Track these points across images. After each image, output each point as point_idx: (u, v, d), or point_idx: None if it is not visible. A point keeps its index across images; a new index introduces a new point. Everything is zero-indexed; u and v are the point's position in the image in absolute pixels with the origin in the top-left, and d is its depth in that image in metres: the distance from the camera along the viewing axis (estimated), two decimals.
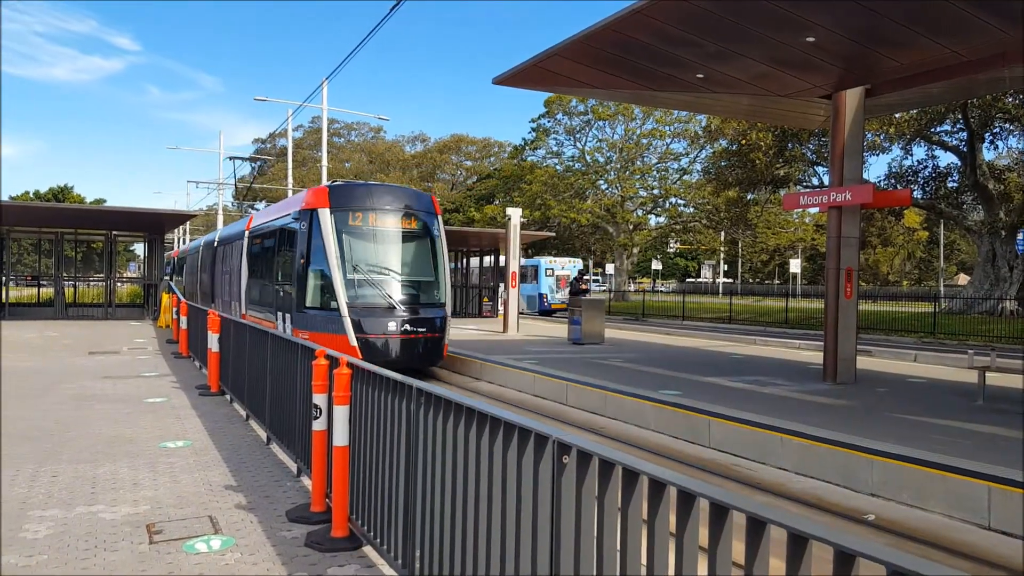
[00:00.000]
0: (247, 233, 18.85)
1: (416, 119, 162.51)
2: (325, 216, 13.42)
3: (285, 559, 4.32)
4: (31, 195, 77.68)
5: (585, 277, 23.69)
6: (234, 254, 20.19)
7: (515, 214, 22.20)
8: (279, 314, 14.98)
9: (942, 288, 52.21)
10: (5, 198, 58.09)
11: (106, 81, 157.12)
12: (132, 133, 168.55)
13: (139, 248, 50.53)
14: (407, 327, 13.08)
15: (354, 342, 12.76)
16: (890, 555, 1.48)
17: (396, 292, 13.44)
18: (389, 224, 13.88)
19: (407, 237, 14.19)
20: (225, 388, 9.97)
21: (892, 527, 5.81)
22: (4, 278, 26.80)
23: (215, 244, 24.28)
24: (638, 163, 49.65)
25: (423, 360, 13.53)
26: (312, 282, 13.64)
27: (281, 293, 15.12)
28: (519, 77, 11.79)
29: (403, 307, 13.27)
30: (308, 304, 13.70)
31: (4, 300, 26.01)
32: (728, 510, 1.90)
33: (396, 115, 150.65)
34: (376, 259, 13.63)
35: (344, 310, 12.92)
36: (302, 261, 13.82)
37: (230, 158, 29.96)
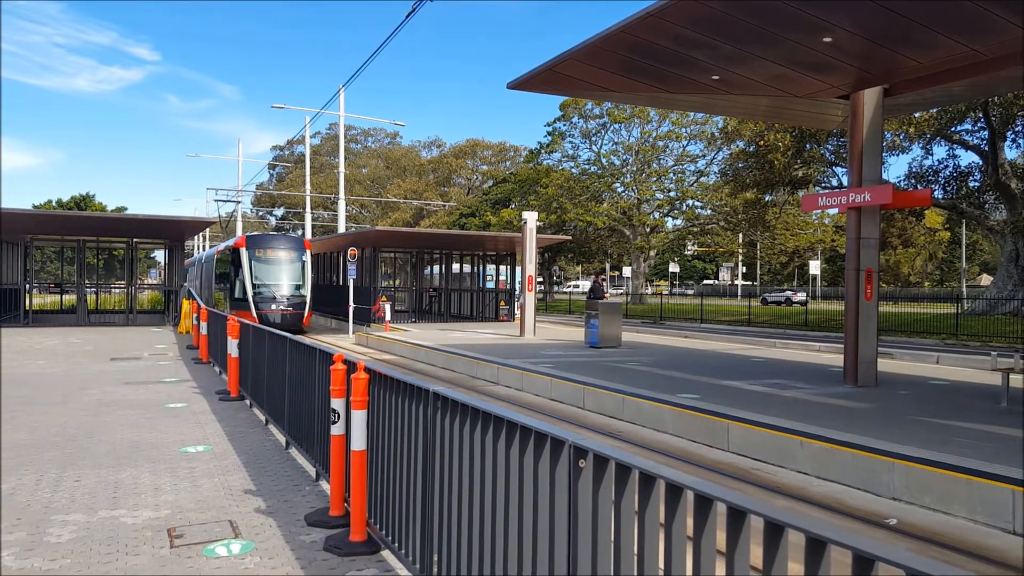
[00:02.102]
0: (215, 256, 30.47)
1: (432, 124, 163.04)
2: (243, 252, 25.25)
3: (304, 563, 4.34)
4: (53, 204, 78.72)
5: (603, 281, 23.40)
6: (211, 268, 31.32)
7: (531, 218, 22.22)
8: (225, 303, 26.07)
9: (964, 289, 51.55)
10: (28, 207, 58.93)
11: (126, 91, 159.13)
12: (152, 141, 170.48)
13: (159, 255, 51.11)
14: (282, 307, 24.67)
15: (255, 315, 23.34)
16: (909, 559, 1.46)
17: (277, 290, 25.04)
18: (277, 256, 25.58)
19: (286, 262, 25.66)
20: (244, 393, 10.05)
21: (914, 531, 5.74)
22: (28, 285, 27.19)
23: (202, 261, 35.65)
24: (654, 165, 49.49)
25: (292, 325, 23.58)
26: (237, 285, 25.37)
27: (226, 292, 26.65)
28: (534, 81, 11.81)
29: (281, 297, 24.88)
30: (235, 297, 25.27)
31: (28, 307, 26.39)
32: (746, 514, 1.89)
33: (412, 121, 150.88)
34: (269, 274, 25.27)
35: (250, 299, 24.52)
36: (233, 274, 25.76)
37: (215, 200, 39.28)
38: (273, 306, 24.29)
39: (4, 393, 10.38)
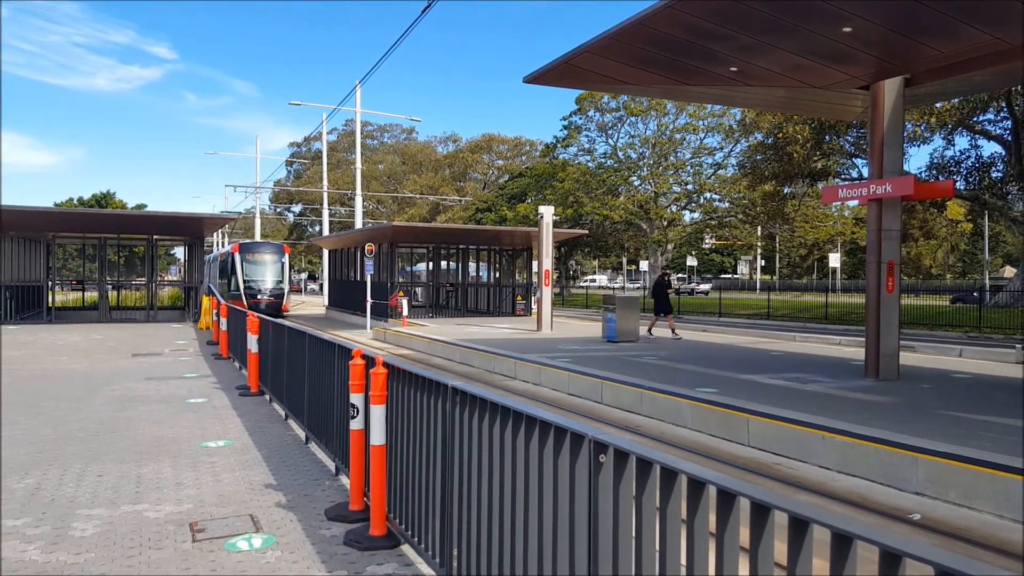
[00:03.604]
0: (219, 258, 38.19)
1: (448, 120, 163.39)
2: (237, 256, 31.67)
3: (324, 557, 4.36)
4: (75, 201, 79.64)
5: (668, 276, 21.61)
6: (215, 268, 38.28)
7: (547, 212, 22.15)
8: (225, 295, 30.23)
9: (987, 281, 50.87)
10: (50, 204, 59.67)
11: (145, 89, 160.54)
12: (171, 139, 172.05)
13: (179, 252, 51.75)
14: (266, 297, 30.80)
15: (246, 304, 27.66)
16: (938, 555, 1.44)
17: (262, 284, 31.35)
18: (263, 258, 31.96)
19: (269, 263, 31.98)
20: (264, 388, 10.11)
21: (939, 527, 5.67)
22: (51, 282, 27.54)
23: (210, 261, 41.99)
24: (671, 158, 49.19)
25: (274, 311, 28.42)
26: (232, 281, 31.64)
27: (225, 286, 32.55)
28: (550, 75, 11.76)
29: (265, 290, 31.17)
30: (231, 290, 31.21)
31: (51, 304, 26.75)
32: (769, 509, 1.87)
33: (428, 116, 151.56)
34: (255, 272, 31.54)
35: (242, 291, 30.60)
36: (229, 272, 32.31)
37: (223, 211, 46.04)
38: (259, 296, 30.81)
39: (29, 389, 10.53)
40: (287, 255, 33.48)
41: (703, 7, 8.97)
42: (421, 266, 38.36)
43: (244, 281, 31.05)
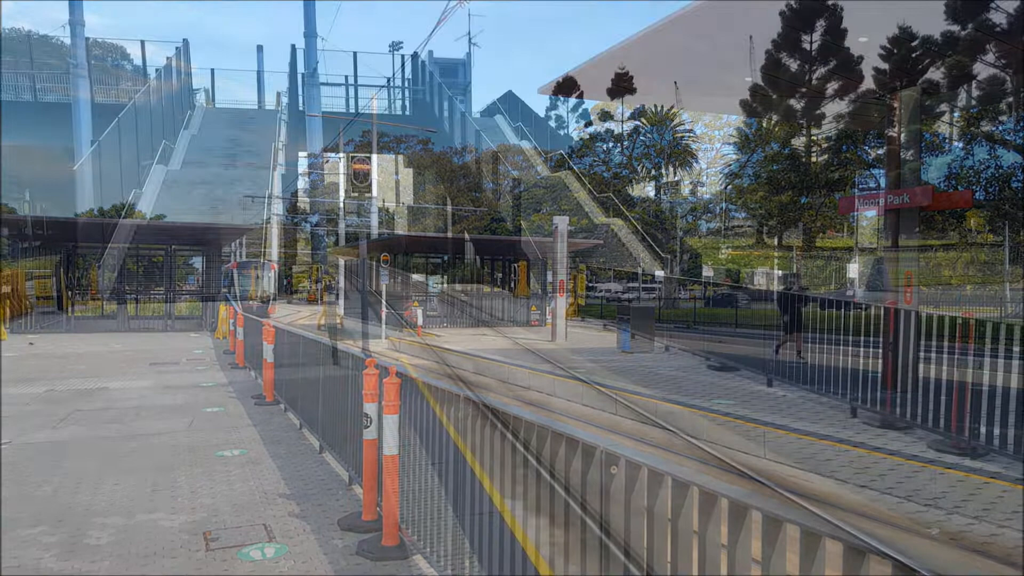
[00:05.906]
0: (225, 270, 43.34)
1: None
2: (236, 271, 35.40)
3: (337, 567, 4.36)
4: (95, 212, 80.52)
5: (799, 283, 18.35)
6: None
7: (562, 222, 22.15)
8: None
9: (1008, 292, 50.19)
10: (71, 215, 60.42)
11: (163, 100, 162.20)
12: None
13: (197, 262, 52.60)
14: (256, 303, 33.28)
15: (241, 308, 29.46)
16: (950, 567, 1.42)
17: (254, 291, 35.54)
18: (254, 273, 36.34)
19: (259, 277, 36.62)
20: (280, 398, 10.15)
21: (958, 541, 5.58)
22: (70, 292, 27.86)
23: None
24: (687, 168, 49.09)
25: (261, 312, 30.57)
26: (232, 291, 34.51)
27: (228, 292, 35.93)
28: (564, 86, 11.78)
29: (256, 297, 34.84)
30: (231, 296, 32.84)
31: (70, 313, 27.05)
32: (782, 522, 1.85)
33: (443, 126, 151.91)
34: (249, 284, 35.86)
35: (238, 296, 32.90)
36: (229, 284, 35.75)
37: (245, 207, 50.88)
38: (250, 301, 36.62)
39: (47, 396, 10.64)
40: (273, 271, 42.11)
41: (718, 17, 8.96)
42: (436, 276, 39.56)
43: (240, 290, 39.55)
